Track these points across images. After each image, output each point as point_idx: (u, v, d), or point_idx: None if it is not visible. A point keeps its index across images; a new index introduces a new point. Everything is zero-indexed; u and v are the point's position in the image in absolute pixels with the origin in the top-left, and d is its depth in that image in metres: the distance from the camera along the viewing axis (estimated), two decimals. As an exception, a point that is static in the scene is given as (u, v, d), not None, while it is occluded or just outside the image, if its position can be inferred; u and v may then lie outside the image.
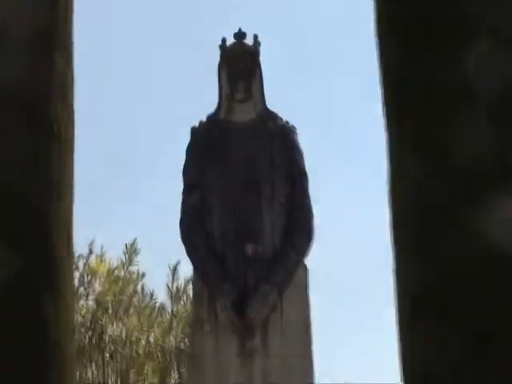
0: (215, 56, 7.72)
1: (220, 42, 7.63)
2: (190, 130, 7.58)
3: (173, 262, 15.24)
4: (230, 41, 7.64)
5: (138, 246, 15.40)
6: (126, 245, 15.40)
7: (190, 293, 13.16)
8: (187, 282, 14.59)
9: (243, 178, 7.34)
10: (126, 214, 20.98)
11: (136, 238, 15.35)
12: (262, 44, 7.64)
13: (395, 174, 5.82)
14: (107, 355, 14.80)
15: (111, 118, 22.37)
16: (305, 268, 7.34)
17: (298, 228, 7.32)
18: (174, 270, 15.26)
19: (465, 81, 5.75)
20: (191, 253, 7.32)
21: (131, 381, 14.70)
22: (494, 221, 5.15)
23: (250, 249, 7.18)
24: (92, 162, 17.21)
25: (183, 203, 7.39)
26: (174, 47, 23.59)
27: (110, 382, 14.90)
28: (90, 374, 14.74)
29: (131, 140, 24.61)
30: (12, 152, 7.73)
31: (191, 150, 7.52)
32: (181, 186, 7.51)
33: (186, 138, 7.70)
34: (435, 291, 5.62)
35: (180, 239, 7.37)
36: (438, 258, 5.39)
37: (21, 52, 7.59)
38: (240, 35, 7.60)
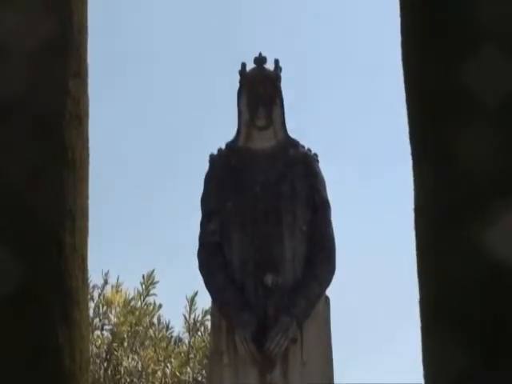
0: (235, 81, 7.76)
1: (240, 67, 7.63)
2: (209, 157, 7.59)
3: (190, 293, 15.19)
4: (250, 66, 7.64)
5: (156, 277, 15.34)
6: (144, 275, 15.36)
7: (208, 324, 13.10)
8: (205, 313, 14.57)
9: (263, 206, 7.30)
10: (143, 244, 21.09)
11: (154, 269, 15.30)
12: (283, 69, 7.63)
13: (419, 188, 5.74)
14: None
15: (124, 140, 22.60)
16: (326, 299, 7.31)
17: (320, 257, 7.28)
18: (192, 301, 15.22)
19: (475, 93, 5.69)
20: (209, 281, 7.29)
21: None
22: (500, 234, 5.11)
23: (269, 279, 7.14)
24: (107, 191, 17.26)
25: (201, 232, 7.38)
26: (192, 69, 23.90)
27: None
28: None
29: (148, 162, 24.75)
30: (30, 179, 7.57)
31: (210, 178, 7.49)
32: (199, 216, 7.53)
33: (203, 166, 7.72)
34: (448, 304, 5.56)
35: (198, 268, 7.37)
36: (451, 271, 5.34)
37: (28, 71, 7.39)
38: (260, 60, 7.58)
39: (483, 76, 5.43)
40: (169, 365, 14.82)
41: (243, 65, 7.56)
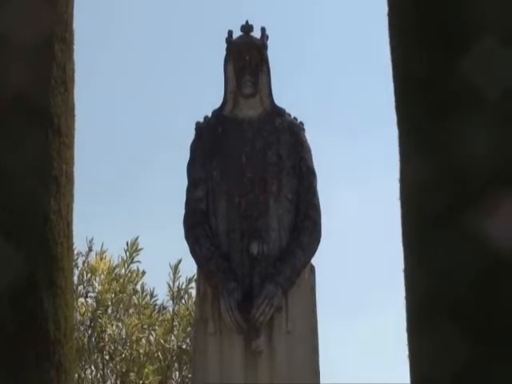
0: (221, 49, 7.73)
1: (226, 35, 7.62)
2: (195, 125, 7.60)
3: (174, 261, 15.22)
4: (237, 34, 7.63)
5: (140, 244, 15.34)
6: (127, 242, 15.37)
7: (192, 292, 13.17)
8: (189, 281, 14.63)
9: (249, 175, 7.33)
10: (128, 211, 21.11)
11: (138, 236, 15.32)
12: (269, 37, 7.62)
13: (405, 176, 5.66)
14: (107, 356, 14.79)
15: (111, 111, 22.58)
16: (312, 268, 7.34)
17: (305, 226, 7.30)
18: (176, 269, 15.25)
19: (465, 84, 5.65)
20: (195, 249, 7.31)
21: (131, 382, 14.69)
22: (495, 223, 5.09)
23: (255, 247, 7.17)
24: (93, 158, 17.20)
25: (187, 199, 7.39)
26: (180, 40, 23.87)
27: (109, 383, 14.91)
28: (88, 374, 14.76)
29: (133, 132, 24.77)
30: (16, 150, 7.60)
31: (196, 146, 7.51)
32: (185, 183, 7.55)
33: (189, 133, 7.73)
34: (445, 293, 5.52)
35: (184, 236, 7.39)
36: (445, 260, 5.31)
37: (23, 55, 7.42)
38: (247, 28, 7.57)
39: (479, 66, 5.43)
40: (153, 332, 14.88)
41: (230, 32, 7.57)
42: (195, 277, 8.03)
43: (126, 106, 24.51)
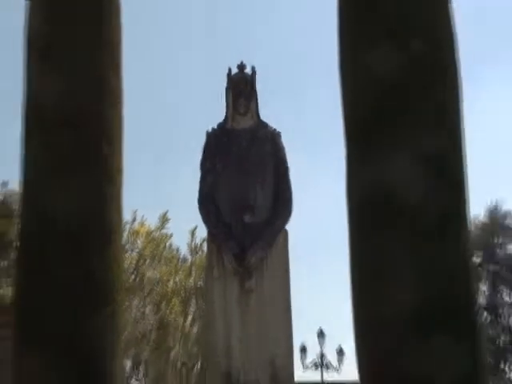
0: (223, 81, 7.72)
1: (227, 71, 7.66)
2: (205, 133, 7.67)
3: (192, 227, 15.44)
4: (234, 70, 7.67)
5: (169, 215, 15.57)
6: (160, 214, 15.63)
7: (205, 248, 13.41)
8: (202, 241, 14.80)
9: (243, 169, 7.43)
10: (161, 193, 21.27)
11: (167, 210, 15.55)
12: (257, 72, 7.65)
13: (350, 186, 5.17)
14: (146, 292, 15.03)
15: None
16: (286, 232, 7.46)
17: (281, 204, 7.43)
18: (193, 233, 15.47)
19: None
20: (206, 220, 7.44)
21: (162, 310, 14.89)
22: None
23: (247, 218, 7.32)
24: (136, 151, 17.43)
25: (200, 186, 7.49)
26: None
27: (147, 310, 15.09)
28: (133, 305, 14.93)
29: (164, 142, 24.90)
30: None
31: (206, 148, 7.60)
32: (198, 175, 7.61)
33: (202, 139, 7.73)
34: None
35: (198, 210, 7.47)
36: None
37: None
38: (241, 66, 7.69)
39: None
40: (177, 276, 15.12)
41: (229, 69, 7.66)
42: (206, 238, 8.05)
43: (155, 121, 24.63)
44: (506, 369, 46.09)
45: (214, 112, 7.86)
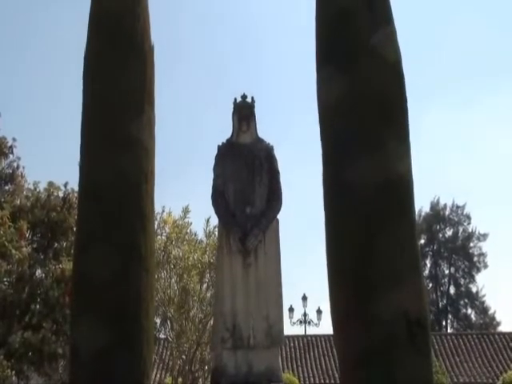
0: (230, 107, 7.77)
1: (233, 100, 7.72)
2: (217, 146, 7.70)
3: (207, 217, 15.48)
4: (239, 99, 7.74)
5: (190, 208, 15.56)
6: (183, 207, 15.65)
7: (216, 233, 13.42)
8: (214, 228, 14.82)
9: (245, 173, 7.45)
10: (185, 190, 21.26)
11: (188, 204, 15.58)
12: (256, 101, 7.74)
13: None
14: (172, 265, 15.05)
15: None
16: (277, 220, 7.47)
17: (274, 199, 7.43)
18: (208, 221, 15.47)
19: None
20: (217, 211, 7.45)
21: (184, 280, 14.90)
22: None
23: (248, 209, 7.32)
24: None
25: (213, 185, 7.49)
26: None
27: (173, 280, 15.11)
28: (162, 276, 14.95)
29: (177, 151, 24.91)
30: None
31: (217, 156, 7.61)
32: (211, 176, 7.62)
33: (214, 150, 7.73)
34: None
35: (211, 204, 7.46)
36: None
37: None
38: (244, 96, 7.74)
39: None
40: (195, 254, 15.10)
41: (235, 99, 7.73)
42: (217, 225, 8.11)
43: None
44: (446, 325, 46.36)
45: (225, 131, 7.79)
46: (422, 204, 44.10)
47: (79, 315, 7.17)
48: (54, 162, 44.61)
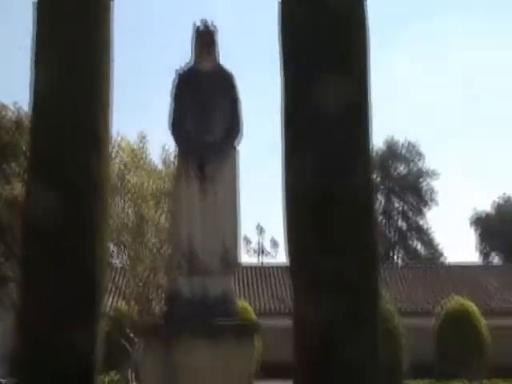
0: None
1: (194, 26, 7.54)
2: (176, 73, 7.55)
3: (164, 144, 15.38)
4: (200, 26, 7.56)
5: (145, 134, 15.44)
6: (138, 133, 15.53)
7: (173, 160, 13.25)
8: (172, 155, 14.69)
9: (205, 97, 7.37)
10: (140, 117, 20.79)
11: (144, 131, 15.46)
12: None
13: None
14: (129, 193, 15.01)
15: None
16: (236, 149, 7.42)
17: (233, 126, 7.38)
18: (163, 148, 15.38)
19: None
20: (176, 140, 7.41)
21: (142, 208, 14.91)
22: None
23: (208, 137, 7.21)
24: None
25: (173, 113, 7.39)
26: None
27: (129, 207, 15.10)
28: (119, 204, 14.92)
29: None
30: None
31: (177, 85, 7.47)
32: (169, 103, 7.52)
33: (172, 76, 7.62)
34: None
35: (170, 132, 7.42)
36: None
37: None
38: (205, 22, 7.55)
39: None
40: (152, 182, 15.03)
41: (196, 26, 7.52)
42: (176, 153, 8.15)
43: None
44: (395, 257, 47.96)
45: (184, 56, 7.63)
46: (377, 142, 44.71)
47: (30, 241, 7.15)
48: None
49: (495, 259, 46.59)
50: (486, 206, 53.11)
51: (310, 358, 5.28)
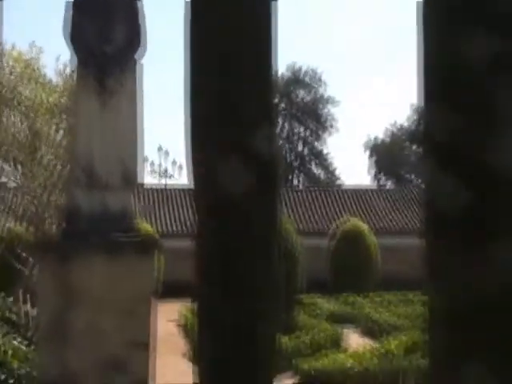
0: None
1: None
2: None
3: (59, 55, 14.66)
4: None
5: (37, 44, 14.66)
6: (30, 43, 14.72)
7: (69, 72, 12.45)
8: (71, 70, 13.94)
9: (104, 10, 6.95)
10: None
11: (34, 40, 14.68)
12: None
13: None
14: (23, 108, 14.23)
15: None
16: (137, 62, 7.06)
17: (134, 37, 7.01)
18: (57, 59, 14.67)
19: None
20: (76, 51, 7.01)
21: (35, 123, 14.25)
22: None
23: (108, 48, 6.93)
24: None
25: (71, 25, 6.94)
26: None
27: (22, 123, 14.42)
28: (12, 119, 14.24)
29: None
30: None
31: None
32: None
33: None
34: None
35: (67, 45, 6.99)
36: None
37: None
38: None
39: None
40: (46, 95, 14.07)
41: None
42: (75, 66, 7.47)
43: None
44: (295, 181, 49.19)
45: None
46: (280, 67, 44.83)
47: None
48: None
49: (388, 184, 49.00)
50: (379, 133, 55.19)
51: (208, 276, 5.41)
